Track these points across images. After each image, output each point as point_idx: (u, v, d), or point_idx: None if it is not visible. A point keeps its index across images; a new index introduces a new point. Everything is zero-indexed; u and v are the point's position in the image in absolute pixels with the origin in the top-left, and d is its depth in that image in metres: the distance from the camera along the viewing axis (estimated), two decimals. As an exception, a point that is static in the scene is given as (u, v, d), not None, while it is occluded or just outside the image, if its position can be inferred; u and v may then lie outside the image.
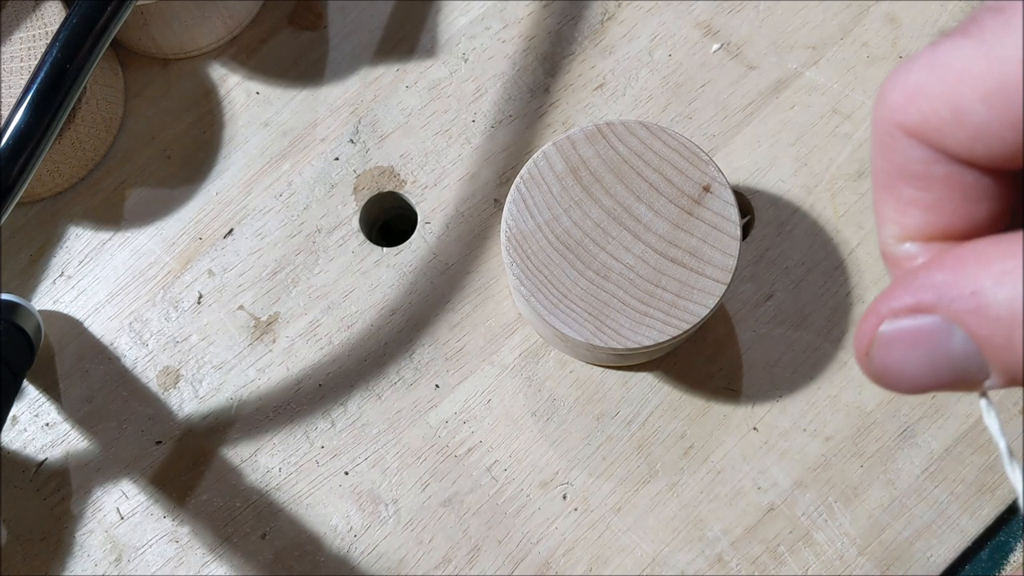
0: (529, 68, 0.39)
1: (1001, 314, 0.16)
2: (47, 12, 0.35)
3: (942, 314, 0.16)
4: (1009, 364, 0.16)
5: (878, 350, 0.17)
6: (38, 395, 0.36)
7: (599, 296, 0.31)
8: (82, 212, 0.38)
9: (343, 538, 0.34)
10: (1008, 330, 0.16)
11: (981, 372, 0.17)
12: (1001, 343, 0.16)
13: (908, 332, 0.17)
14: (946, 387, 0.17)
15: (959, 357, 0.17)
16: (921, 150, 0.17)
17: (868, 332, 0.17)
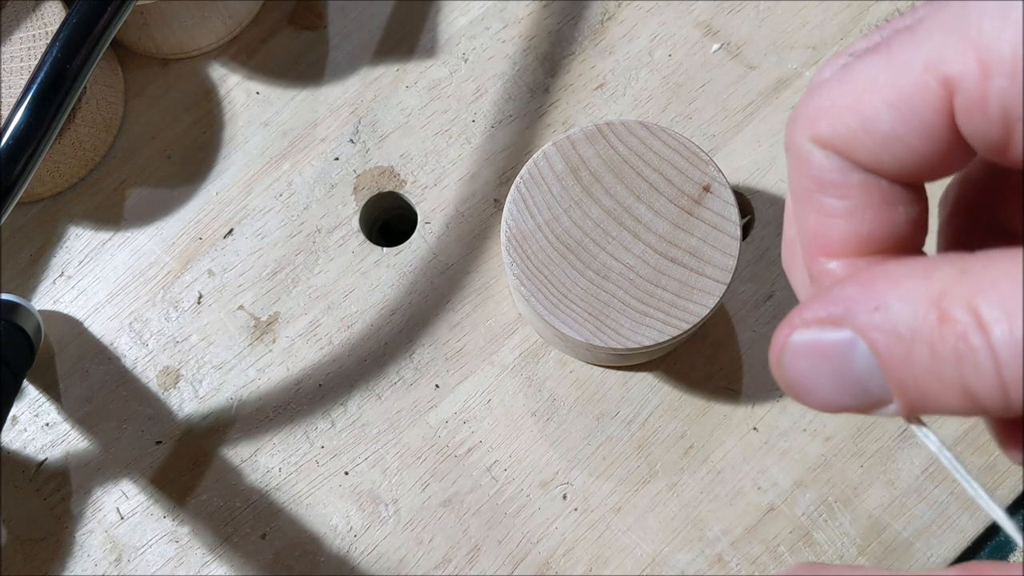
0: (529, 68, 0.39)
1: (901, 331, 0.16)
2: (47, 12, 0.35)
3: (848, 327, 0.16)
4: (906, 385, 0.16)
5: (787, 359, 0.17)
6: (38, 395, 0.36)
7: (599, 296, 0.31)
8: (82, 212, 0.38)
9: (343, 538, 0.34)
10: (906, 348, 0.16)
11: (884, 393, 0.16)
12: (899, 361, 0.16)
13: (816, 344, 0.17)
14: (854, 407, 0.17)
15: (862, 374, 0.16)
16: (835, 160, 0.18)
17: (780, 341, 0.17)
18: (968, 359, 0.15)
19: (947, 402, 0.16)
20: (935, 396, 0.16)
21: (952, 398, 0.15)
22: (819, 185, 0.18)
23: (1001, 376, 0.15)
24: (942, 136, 0.17)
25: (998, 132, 0.16)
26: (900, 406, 0.16)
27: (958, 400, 0.15)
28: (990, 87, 0.16)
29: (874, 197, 0.18)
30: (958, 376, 0.15)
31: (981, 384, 0.15)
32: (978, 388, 0.15)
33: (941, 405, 0.16)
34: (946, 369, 0.15)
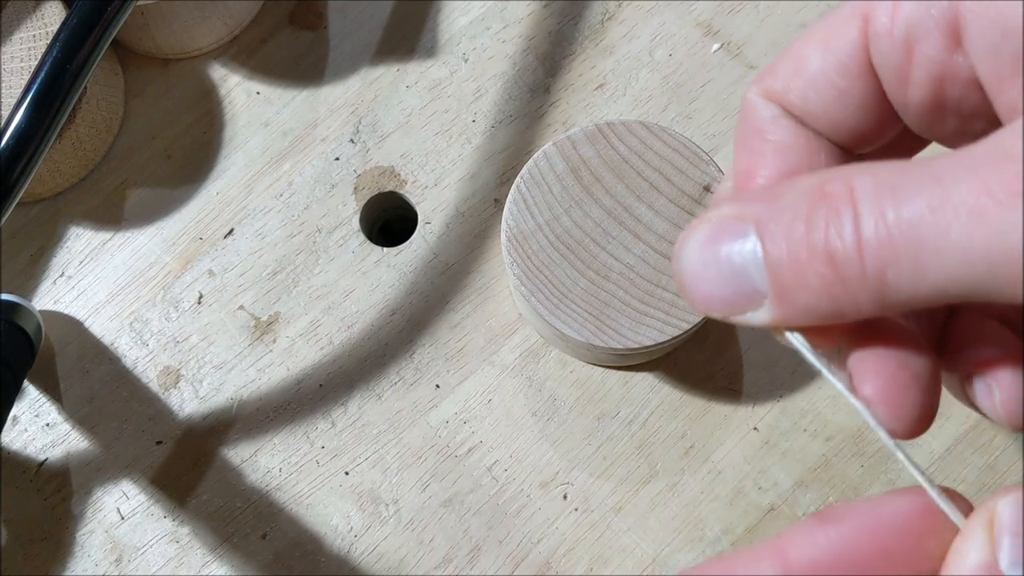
0: (529, 68, 0.39)
1: (783, 211, 0.16)
2: (47, 12, 0.35)
3: (746, 218, 0.17)
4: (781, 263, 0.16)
5: (682, 252, 0.18)
6: (39, 395, 0.36)
7: (599, 296, 0.31)
8: (82, 212, 0.38)
9: (343, 538, 0.34)
10: (786, 227, 0.16)
11: (762, 284, 0.17)
12: (777, 239, 0.16)
13: (710, 236, 0.18)
14: (731, 300, 0.17)
15: (749, 264, 0.17)
16: (773, 109, 0.20)
17: (685, 235, 0.18)
18: (836, 225, 0.15)
19: (812, 278, 0.16)
20: (805, 274, 0.16)
21: (818, 271, 0.16)
22: (755, 130, 0.20)
23: (860, 243, 0.15)
24: (858, 72, 0.18)
25: (900, 56, 0.18)
26: (773, 298, 0.17)
27: (823, 273, 0.16)
28: (898, 12, 0.17)
29: (799, 141, 0.19)
30: (825, 245, 0.16)
31: (842, 252, 0.15)
32: (840, 256, 0.15)
33: (806, 285, 0.16)
34: (816, 238, 0.16)
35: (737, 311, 0.18)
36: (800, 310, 0.17)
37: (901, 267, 0.15)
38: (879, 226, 0.15)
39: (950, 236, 0.14)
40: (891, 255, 0.15)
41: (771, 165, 0.20)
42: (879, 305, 0.16)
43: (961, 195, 0.14)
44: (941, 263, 0.15)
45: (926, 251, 0.15)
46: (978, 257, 0.14)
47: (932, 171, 0.15)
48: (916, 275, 0.15)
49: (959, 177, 0.15)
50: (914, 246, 0.15)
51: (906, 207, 0.15)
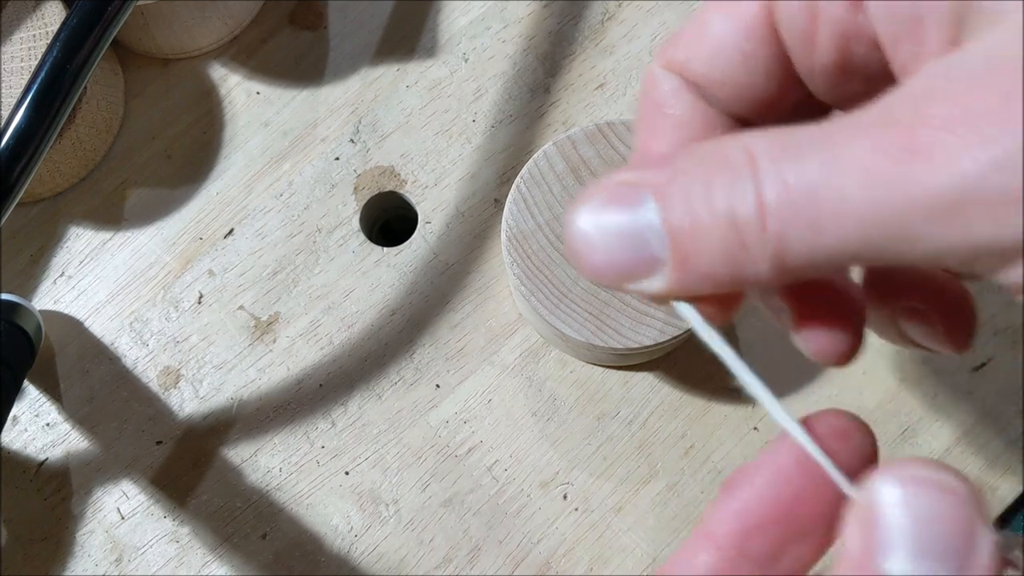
0: (529, 68, 0.39)
1: (681, 172, 0.16)
2: (47, 12, 0.35)
3: (642, 185, 0.17)
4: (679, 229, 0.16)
5: (578, 220, 0.18)
6: (39, 395, 0.36)
7: (599, 296, 0.31)
8: (83, 212, 0.38)
9: (344, 538, 0.34)
10: (685, 189, 0.16)
11: (663, 253, 0.17)
12: (677, 203, 0.16)
13: (607, 202, 0.17)
14: (633, 273, 0.17)
15: (647, 230, 0.17)
16: (674, 81, 0.20)
17: (578, 205, 0.18)
18: (737, 187, 0.15)
19: (713, 242, 0.16)
20: (705, 238, 0.16)
21: (718, 235, 0.16)
22: (655, 105, 0.20)
23: (761, 205, 0.15)
24: (761, 35, 0.19)
25: (805, 18, 0.18)
26: (673, 264, 0.17)
27: (723, 236, 0.16)
28: None
29: (697, 115, 0.20)
30: (727, 207, 0.15)
31: (744, 215, 0.15)
32: (741, 218, 0.15)
33: (707, 249, 0.16)
34: (718, 200, 0.16)
35: (632, 279, 0.17)
36: (699, 276, 0.16)
37: (801, 230, 0.15)
38: (780, 189, 0.15)
39: (845, 197, 0.14)
40: (791, 218, 0.15)
41: (668, 141, 0.20)
42: (778, 270, 0.16)
43: (854, 155, 0.14)
44: (839, 224, 0.15)
45: (825, 213, 0.15)
46: (873, 217, 0.14)
47: (826, 132, 0.15)
48: (815, 238, 0.15)
49: (852, 137, 0.15)
50: (813, 208, 0.15)
51: (804, 169, 0.15)
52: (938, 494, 0.15)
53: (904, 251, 0.14)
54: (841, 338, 0.18)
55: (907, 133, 0.14)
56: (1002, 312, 0.36)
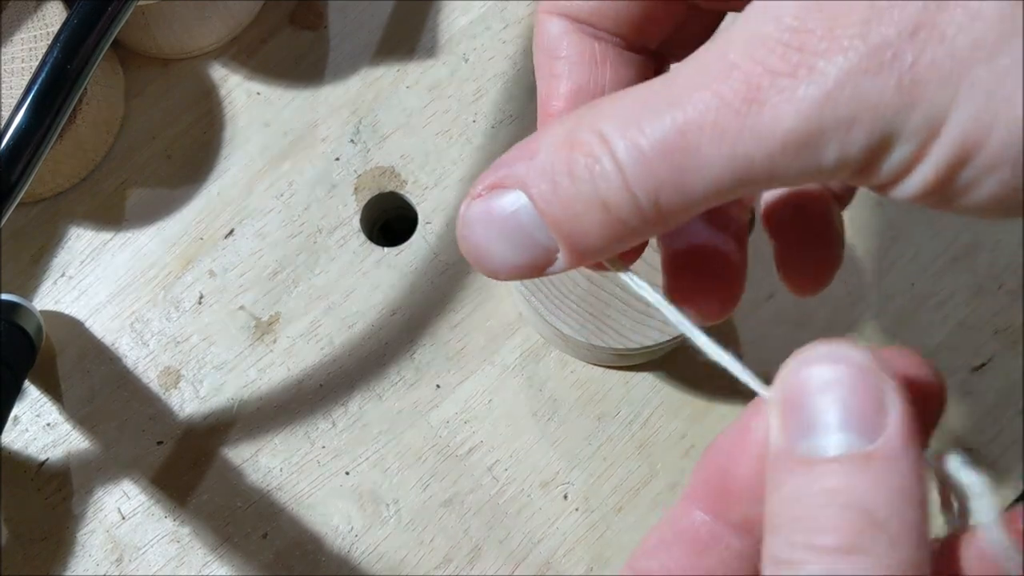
0: (529, 68, 0.39)
1: (546, 169, 0.17)
2: (48, 13, 0.35)
3: (511, 185, 0.17)
4: (559, 220, 0.17)
5: (464, 230, 0.18)
6: (39, 395, 0.36)
7: (600, 296, 0.31)
8: (83, 212, 0.38)
9: (344, 538, 0.34)
10: (551, 183, 0.17)
11: (550, 242, 0.17)
12: (549, 197, 0.17)
13: (488, 208, 0.18)
14: (529, 264, 0.18)
15: (529, 226, 0.17)
16: (561, 23, 0.20)
17: (461, 213, 0.18)
18: (598, 172, 0.16)
19: (593, 224, 0.17)
20: (584, 222, 0.17)
21: (596, 218, 0.16)
22: (547, 51, 0.20)
23: (626, 181, 0.16)
24: None
25: None
26: (564, 249, 0.17)
27: (601, 218, 0.16)
28: None
29: (587, 53, 0.20)
30: (595, 193, 0.16)
31: (613, 194, 0.16)
32: (612, 199, 0.16)
33: (589, 231, 0.17)
34: (584, 189, 0.16)
35: (536, 271, 0.18)
36: (591, 253, 0.17)
37: (670, 189, 0.16)
38: (637, 159, 0.16)
39: (702, 153, 0.15)
40: (657, 181, 0.16)
41: (564, 84, 0.20)
42: (661, 226, 0.17)
43: (700, 111, 0.15)
44: (702, 178, 0.16)
45: (687, 170, 0.15)
46: (728, 166, 0.15)
47: (672, 93, 0.16)
48: (685, 192, 0.16)
49: (697, 91, 0.15)
50: (676, 168, 0.16)
51: (655, 132, 0.16)
52: (840, 369, 0.15)
53: (765, 185, 0.16)
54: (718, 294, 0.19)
55: (745, 82, 0.15)
56: (1002, 312, 0.36)
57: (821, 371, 0.15)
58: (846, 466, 0.15)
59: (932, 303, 0.36)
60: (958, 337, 0.36)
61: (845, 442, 0.15)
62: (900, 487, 0.14)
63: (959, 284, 0.36)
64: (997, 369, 0.35)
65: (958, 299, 0.36)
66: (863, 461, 0.14)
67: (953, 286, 0.36)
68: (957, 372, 0.36)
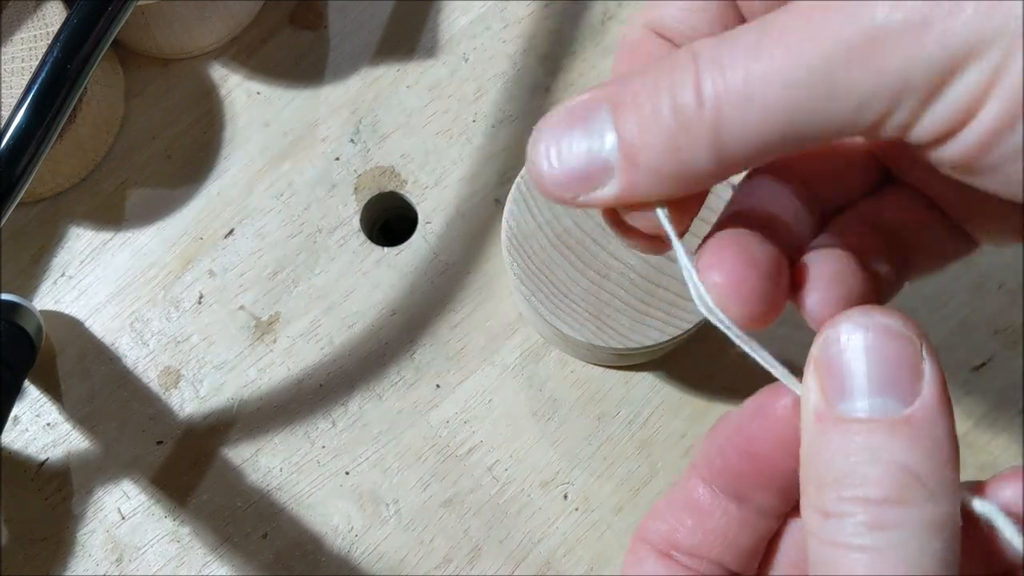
0: (530, 68, 0.39)
1: (635, 85, 0.18)
2: (48, 12, 0.35)
3: (598, 95, 0.18)
4: (629, 132, 0.17)
5: (538, 125, 0.19)
6: (39, 395, 0.36)
7: (600, 296, 0.31)
8: (83, 212, 0.38)
9: (344, 538, 0.34)
10: (635, 96, 0.17)
11: (612, 158, 0.18)
12: (627, 105, 0.17)
13: (566, 106, 0.18)
14: (583, 175, 0.18)
15: (599, 132, 0.18)
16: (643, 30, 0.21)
17: (543, 118, 0.19)
18: (678, 80, 0.17)
19: (659, 128, 0.17)
20: (650, 123, 0.17)
21: (663, 121, 0.17)
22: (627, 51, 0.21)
23: (699, 93, 0.17)
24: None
25: None
26: (622, 170, 0.18)
27: (668, 121, 0.17)
28: None
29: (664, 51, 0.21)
30: (669, 97, 0.17)
31: (684, 101, 0.17)
32: (682, 104, 0.17)
33: (654, 138, 0.17)
34: (660, 92, 0.17)
35: (586, 187, 0.18)
36: (646, 173, 0.17)
37: (733, 120, 0.16)
38: (716, 78, 0.16)
39: (767, 99, 0.16)
40: (723, 108, 0.16)
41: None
42: (717, 155, 0.17)
43: (766, 67, 0.16)
44: (761, 120, 0.16)
45: (750, 109, 0.16)
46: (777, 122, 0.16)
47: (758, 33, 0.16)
48: (744, 129, 0.16)
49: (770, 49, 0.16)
50: (746, 94, 0.16)
51: (736, 69, 0.16)
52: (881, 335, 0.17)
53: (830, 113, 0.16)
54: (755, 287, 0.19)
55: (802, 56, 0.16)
56: (1002, 312, 0.36)
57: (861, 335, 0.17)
58: (887, 427, 0.16)
59: (932, 303, 0.36)
60: (958, 337, 0.36)
61: (883, 405, 0.16)
62: (936, 447, 0.16)
63: (959, 284, 0.36)
64: (997, 369, 0.35)
65: (958, 299, 0.36)
66: (903, 422, 0.16)
67: (953, 286, 0.36)
68: (957, 372, 0.36)
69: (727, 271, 0.18)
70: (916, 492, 0.15)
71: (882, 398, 0.16)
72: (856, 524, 0.16)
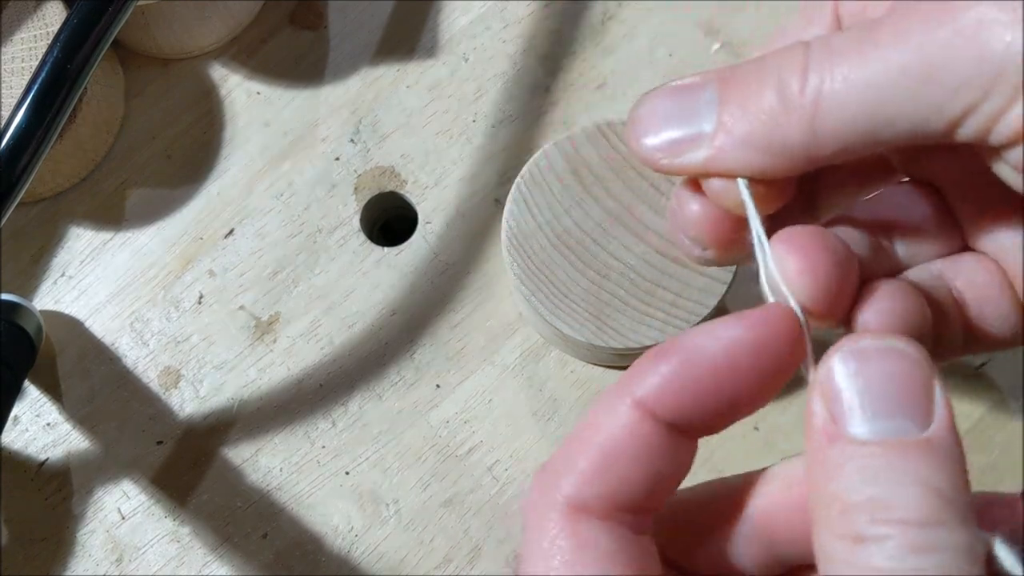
0: (530, 68, 0.39)
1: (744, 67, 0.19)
2: (48, 12, 0.35)
3: (707, 76, 0.19)
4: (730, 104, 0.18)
5: (646, 94, 0.20)
6: (39, 395, 0.36)
7: (600, 296, 0.31)
8: (83, 212, 0.38)
9: (344, 538, 0.34)
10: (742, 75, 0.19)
11: (709, 126, 0.19)
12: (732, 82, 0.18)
13: (676, 84, 0.20)
14: (678, 140, 0.19)
15: (701, 99, 0.19)
16: None
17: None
18: (785, 66, 0.18)
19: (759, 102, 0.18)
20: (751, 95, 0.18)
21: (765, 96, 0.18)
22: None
23: (805, 80, 0.17)
24: None
25: None
26: (717, 138, 0.18)
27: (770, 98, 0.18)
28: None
29: None
30: (776, 78, 0.18)
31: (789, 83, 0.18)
32: (786, 85, 0.18)
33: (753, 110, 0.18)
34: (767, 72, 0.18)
35: (678, 151, 0.19)
36: (738, 140, 0.18)
37: (830, 112, 0.17)
38: (823, 76, 0.17)
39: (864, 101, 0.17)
40: (823, 101, 0.17)
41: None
42: (808, 142, 0.18)
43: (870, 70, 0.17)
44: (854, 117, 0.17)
45: (847, 107, 0.17)
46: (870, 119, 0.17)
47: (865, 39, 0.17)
48: (839, 122, 0.17)
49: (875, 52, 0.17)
50: (840, 102, 0.17)
51: (843, 63, 0.17)
52: (889, 359, 0.16)
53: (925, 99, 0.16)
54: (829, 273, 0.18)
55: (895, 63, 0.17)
56: (1002, 312, 0.36)
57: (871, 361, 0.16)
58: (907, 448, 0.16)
59: (932, 303, 0.36)
60: (958, 337, 0.36)
61: (898, 427, 0.16)
62: (958, 470, 0.15)
63: (959, 284, 0.36)
64: (997, 369, 0.35)
65: (958, 299, 0.36)
66: (925, 444, 0.16)
67: (953, 286, 0.36)
68: (957, 372, 0.36)
69: (803, 250, 0.18)
70: (951, 514, 0.15)
71: (895, 420, 0.16)
72: (897, 547, 0.15)
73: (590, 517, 0.17)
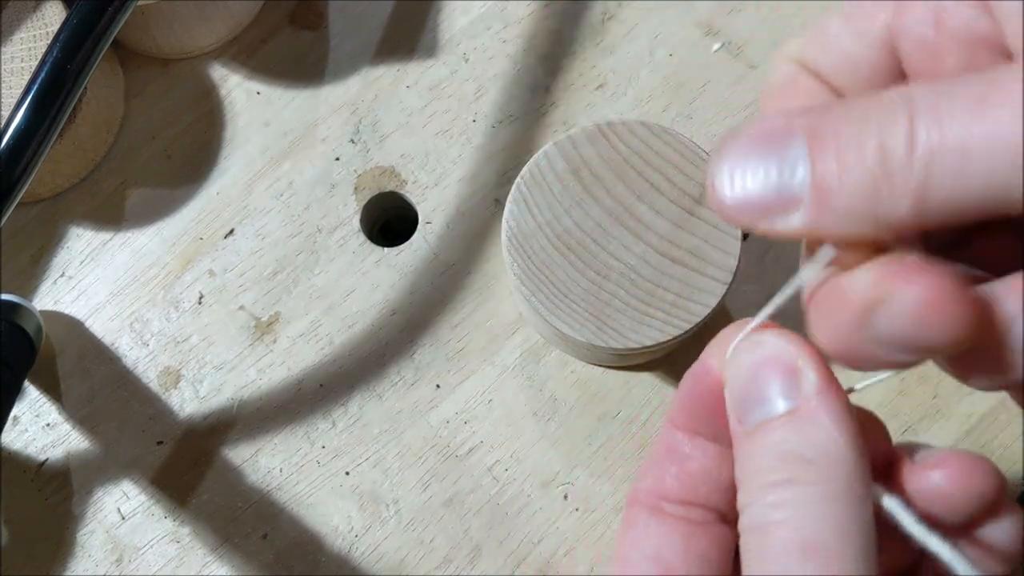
0: (530, 68, 0.39)
1: (838, 115, 0.17)
2: (48, 12, 0.35)
3: (795, 123, 0.17)
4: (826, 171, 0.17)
5: (725, 140, 0.18)
6: (39, 395, 0.36)
7: (600, 296, 0.31)
8: (83, 212, 0.38)
9: (344, 538, 0.34)
10: (840, 127, 0.17)
11: (802, 187, 0.17)
12: (831, 141, 0.17)
13: (760, 126, 0.18)
14: (765, 204, 0.18)
15: (790, 159, 0.17)
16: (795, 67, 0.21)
17: (728, 136, 0.19)
18: (888, 124, 0.16)
19: (861, 170, 0.16)
20: (852, 164, 0.16)
21: (867, 163, 0.16)
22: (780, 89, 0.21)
23: (912, 142, 0.16)
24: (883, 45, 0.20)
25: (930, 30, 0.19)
26: (810, 204, 0.17)
27: (872, 164, 0.16)
28: None
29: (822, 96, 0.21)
30: (877, 139, 0.16)
31: (894, 147, 0.16)
32: (891, 150, 0.16)
33: (853, 179, 0.16)
34: (868, 133, 0.16)
35: (770, 214, 0.17)
36: (838, 210, 0.17)
37: (945, 175, 0.15)
38: (934, 131, 0.16)
39: (993, 151, 0.15)
40: (936, 163, 0.15)
41: None
42: (918, 210, 0.16)
43: (991, 126, 0.15)
44: (974, 180, 0.15)
45: (966, 168, 0.15)
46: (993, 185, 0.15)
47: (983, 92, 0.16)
48: (956, 186, 0.16)
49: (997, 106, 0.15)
50: (958, 160, 0.15)
51: (956, 123, 0.15)
52: (753, 353, 0.19)
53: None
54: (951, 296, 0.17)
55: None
56: (1002, 312, 0.36)
57: (738, 359, 0.20)
58: (779, 424, 0.18)
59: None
60: (958, 337, 0.36)
61: (770, 408, 0.19)
62: (820, 434, 0.18)
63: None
64: (997, 369, 0.35)
65: (958, 299, 0.36)
66: (788, 417, 0.18)
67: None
68: (957, 372, 0.36)
69: (925, 284, 0.16)
70: (807, 470, 0.18)
71: (768, 404, 0.19)
72: (763, 507, 0.18)
73: None
